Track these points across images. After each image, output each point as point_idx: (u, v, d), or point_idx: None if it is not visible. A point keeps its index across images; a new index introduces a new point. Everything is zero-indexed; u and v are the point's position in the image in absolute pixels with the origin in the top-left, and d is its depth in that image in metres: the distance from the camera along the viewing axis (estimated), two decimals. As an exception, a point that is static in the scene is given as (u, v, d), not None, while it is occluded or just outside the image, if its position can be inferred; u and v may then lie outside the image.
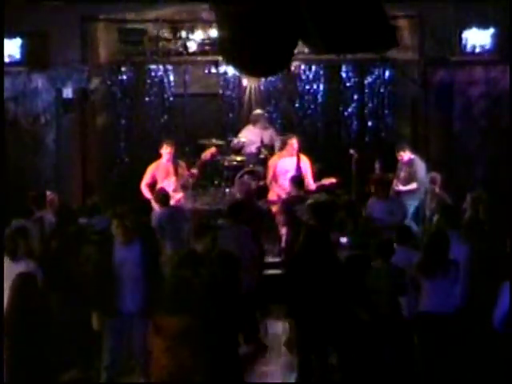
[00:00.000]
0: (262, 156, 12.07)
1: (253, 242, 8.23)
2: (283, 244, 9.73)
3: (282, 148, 11.18)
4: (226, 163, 12.23)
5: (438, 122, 11.84)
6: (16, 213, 8.81)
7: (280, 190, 10.72)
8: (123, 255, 6.90)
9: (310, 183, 10.70)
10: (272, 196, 10.77)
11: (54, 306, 6.99)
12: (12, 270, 6.71)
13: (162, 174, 10.61)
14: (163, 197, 9.63)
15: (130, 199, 10.87)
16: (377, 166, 11.54)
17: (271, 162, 11.14)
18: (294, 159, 10.82)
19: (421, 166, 10.93)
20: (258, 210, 9.43)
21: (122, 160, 13.51)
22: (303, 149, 11.19)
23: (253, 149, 12.29)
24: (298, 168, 10.72)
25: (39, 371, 6.41)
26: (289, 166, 10.78)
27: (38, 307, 6.47)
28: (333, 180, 10.77)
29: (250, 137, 12.42)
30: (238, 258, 6.56)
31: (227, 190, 11.97)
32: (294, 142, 10.80)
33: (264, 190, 10.87)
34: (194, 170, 11.12)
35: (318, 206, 7.45)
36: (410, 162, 10.94)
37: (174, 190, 10.51)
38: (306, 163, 10.90)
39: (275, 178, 10.91)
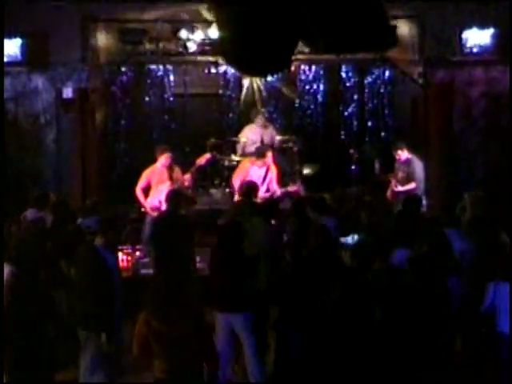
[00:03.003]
0: (261, 156, 12.07)
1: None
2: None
3: (257, 156, 11.03)
4: (226, 163, 12.23)
5: (438, 121, 11.84)
6: (15, 212, 8.81)
7: None
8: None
9: (275, 189, 10.92)
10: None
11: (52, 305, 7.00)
12: None
13: (157, 179, 10.53)
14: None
15: (129, 199, 10.88)
16: (377, 166, 11.55)
17: (244, 165, 11.10)
18: (264, 170, 10.87)
19: (419, 166, 10.90)
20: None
21: (122, 160, 13.51)
22: (302, 149, 11.19)
23: (253, 148, 12.28)
24: (264, 181, 10.81)
25: (38, 371, 6.41)
26: (258, 176, 10.79)
27: (37, 306, 6.46)
28: (295, 188, 11.27)
29: (251, 136, 12.41)
30: None
31: (227, 190, 11.96)
32: (269, 156, 10.86)
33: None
34: (188, 176, 11.02)
35: None
36: (408, 162, 10.89)
37: None
38: (273, 173, 11.00)
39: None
